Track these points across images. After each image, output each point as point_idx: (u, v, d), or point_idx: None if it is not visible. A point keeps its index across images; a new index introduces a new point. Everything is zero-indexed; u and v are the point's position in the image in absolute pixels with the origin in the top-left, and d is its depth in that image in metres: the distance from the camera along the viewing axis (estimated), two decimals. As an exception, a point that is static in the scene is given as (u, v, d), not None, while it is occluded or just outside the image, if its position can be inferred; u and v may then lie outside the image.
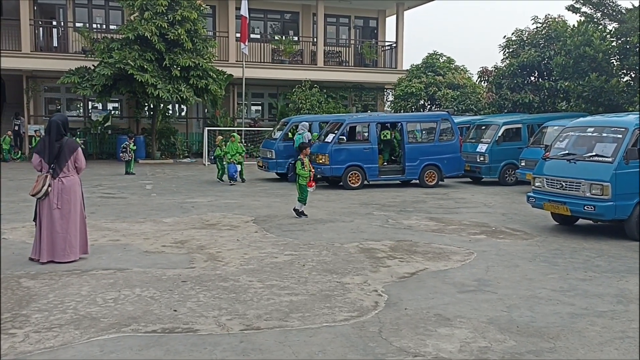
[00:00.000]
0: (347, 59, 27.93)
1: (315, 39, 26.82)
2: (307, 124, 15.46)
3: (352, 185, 13.89)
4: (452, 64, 25.83)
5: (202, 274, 6.19)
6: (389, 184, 14.82)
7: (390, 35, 28.94)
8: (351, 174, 13.93)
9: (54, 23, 25.14)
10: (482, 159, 15.22)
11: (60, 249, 6.41)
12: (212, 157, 16.10)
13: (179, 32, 19.57)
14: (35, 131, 21.52)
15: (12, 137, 21.94)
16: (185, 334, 4.48)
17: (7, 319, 4.72)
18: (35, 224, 6.56)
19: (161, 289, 5.61)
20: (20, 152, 22.31)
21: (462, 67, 25.95)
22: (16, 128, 23.02)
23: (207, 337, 4.43)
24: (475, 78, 24.11)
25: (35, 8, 23.91)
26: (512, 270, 6.55)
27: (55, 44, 24.69)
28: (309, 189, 9.85)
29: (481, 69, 22.53)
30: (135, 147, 17.64)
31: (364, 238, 8.24)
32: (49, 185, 6.35)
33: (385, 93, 28.91)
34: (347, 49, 28.17)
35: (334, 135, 14.13)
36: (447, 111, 16.51)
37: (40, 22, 24.39)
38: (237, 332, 4.53)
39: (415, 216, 10.25)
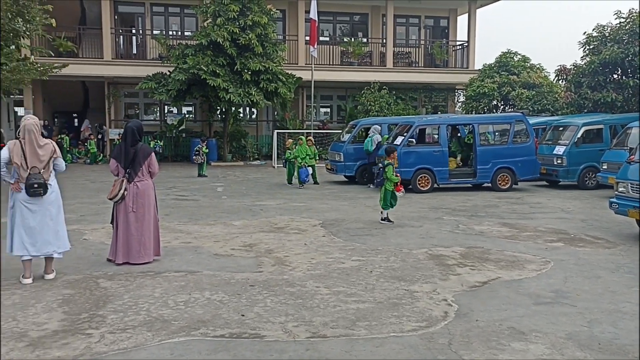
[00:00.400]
0: (417, 60, 27.56)
1: (384, 40, 26.62)
2: (378, 126, 15.34)
3: (422, 189, 13.64)
4: (527, 62, 24.89)
5: (270, 278, 6.23)
6: (460, 188, 14.45)
7: (461, 35, 28.32)
8: (420, 177, 13.69)
9: (133, 31, 26.24)
10: (559, 161, 14.56)
11: (135, 251, 6.64)
12: (283, 160, 16.18)
13: (249, 36, 19.95)
14: (118, 135, 22.53)
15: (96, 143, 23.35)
16: (252, 339, 4.50)
17: (85, 319, 4.91)
18: (113, 227, 6.82)
19: (230, 292, 5.68)
20: (102, 155, 23.47)
21: (538, 66, 24.95)
22: (100, 137, 24.44)
23: (274, 343, 4.43)
24: (552, 77, 23.13)
25: (116, 17, 25.07)
26: (592, 282, 6.19)
27: (134, 51, 25.80)
28: (398, 194, 9.63)
29: (559, 67, 21.51)
30: (207, 150, 18.11)
31: (433, 244, 8.04)
32: (125, 189, 6.57)
33: (456, 94, 28.30)
34: (417, 49, 27.79)
35: (403, 137, 13.93)
36: (522, 112, 15.90)
37: (120, 31, 25.54)
38: (303, 340, 4.50)
39: (487, 221, 9.92)
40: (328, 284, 6.00)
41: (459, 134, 15.30)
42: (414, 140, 13.93)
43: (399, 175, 9.74)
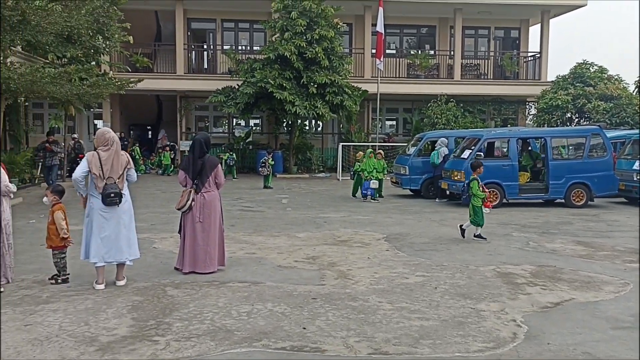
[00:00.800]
0: (486, 72, 26.97)
1: (452, 52, 26.24)
2: (445, 139, 15.07)
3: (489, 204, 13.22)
4: (605, 73, 23.79)
5: (332, 291, 6.18)
6: (531, 203, 13.94)
7: (533, 46, 27.48)
8: (489, 192, 13.25)
9: (205, 47, 27.12)
10: (639, 177, 13.78)
11: (201, 260, 6.77)
12: (351, 173, 15.95)
13: (316, 50, 20.15)
14: (187, 146, 23.26)
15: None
16: (312, 353, 4.46)
17: (152, 325, 5.04)
18: (180, 236, 6.99)
19: (292, 305, 5.68)
20: (173, 166, 24.22)
21: (616, 77, 23.81)
22: (172, 155, 25.22)
23: (334, 358, 4.38)
24: (632, 88, 22.01)
25: (189, 34, 26.01)
26: (677, 307, 5.76)
27: (205, 66, 26.66)
28: (485, 210, 9.36)
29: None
30: (273, 162, 18.34)
31: (501, 261, 7.76)
32: (193, 200, 6.72)
33: (527, 106, 27.44)
34: (486, 61, 27.21)
35: (470, 151, 13.60)
36: (599, 125, 15.19)
37: (192, 47, 26.45)
38: (364, 356, 4.43)
39: (560, 239, 9.49)
40: (391, 299, 5.90)
41: (529, 148, 14.78)
42: (482, 153, 13.56)
43: (486, 190, 9.43)
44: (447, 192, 14.36)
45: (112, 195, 6.03)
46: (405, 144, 18.93)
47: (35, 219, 11.01)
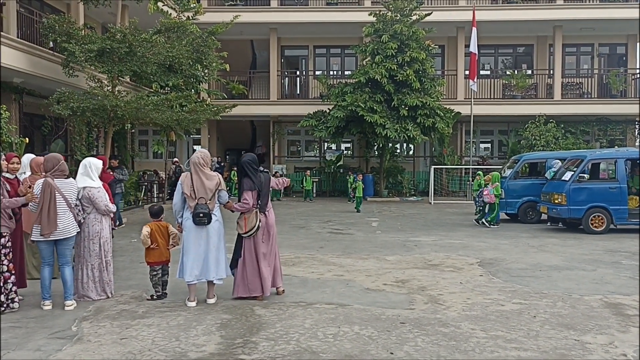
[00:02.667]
0: (589, 90, 25.51)
1: (551, 71, 25.14)
2: (558, 161, 14.26)
3: (595, 229, 12.35)
4: None
5: (422, 316, 5.94)
6: (642, 229, 12.85)
7: (643, 61, 25.72)
8: (594, 217, 12.42)
9: (297, 73, 27.79)
10: None
11: (270, 280, 6.61)
12: (476, 197, 14.78)
13: (407, 72, 20.00)
14: (280, 170, 23.73)
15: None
16: (400, 380, 4.27)
17: (239, 344, 5.06)
18: (241, 262, 6.55)
19: (379, 328, 5.51)
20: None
21: None
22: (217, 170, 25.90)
23: (423, 386, 4.16)
24: None
25: (282, 61, 26.78)
26: None
27: (298, 91, 27.28)
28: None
29: None
30: (363, 186, 18.23)
31: (609, 290, 7.15)
32: (260, 220, 6.49)
33: (637, 127, 25.59)
34: (589, 79, 25.79)
35: (572, 173, 12.81)
36: None
37: (286, 73, 27.19)
38: (455, 385, 4.17)
39: (678, 268, 8.62)
40: (485, 327, 5.57)
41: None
42: (585, 175, 12.74)
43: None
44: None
45: (201, 215, 6.17)
46: (501, 167, 18.20)
47: (137, 238, 11.58)
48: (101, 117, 13.00)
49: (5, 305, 5.99)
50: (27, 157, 7.52)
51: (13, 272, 6.18)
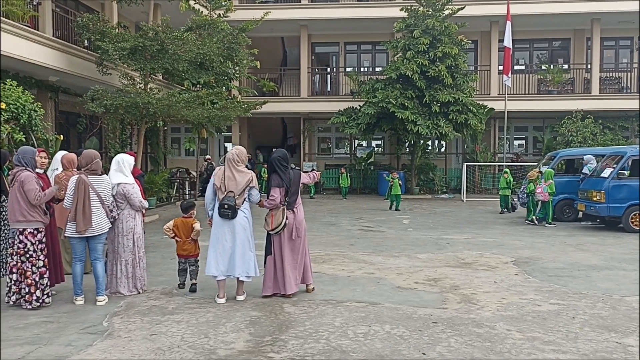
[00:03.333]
0: (629, 85, 24.73)
1: (589, 65, 24.45)
2: (592, 156, 13.89)
3: (635, 228, 11.93)
4: None
5: (455, 316, 5.79)
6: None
7: (685, 55, 24.79)
8: (634, 215, 12.00)
9: (328, 69, 27.69)
10: None
11: (296, 279, 6.54)
12: (524, 195, 14.26)
13: (439, 68, 19.70)
14: (311, 167, 23.64)
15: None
16: (433, 381, 4.15)
17: (268, 342, 5.00)
18: (270, 259, 6.55)
19: (411, 328, 5.38)
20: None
21: None
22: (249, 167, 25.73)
23: (457, 388, 4.03)
24: None
25: (313, 57, 26.69)
26: None
27: (328, 88, 27.17)
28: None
29: None
30: (400, 183, 17.62)
31: (652, 292, 6.87)
32: (287, 218, 6.44)
33: (678, 121, 24.71)
34: (629, 73, 24.97)
35: (611, 169, 12.40)
36: None
37: (316, 70, 27.11)
38: (490, 388, 4.03)
39: None
40: (521, 328, 5.39)
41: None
42: (625, 172, 12.31)
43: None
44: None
45: (226, 206, 6.12)
46: (535, 164, 17.79)
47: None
48: (134, 114, 13.14)
49: (41, 301, 6.07)
50: (59, 154, 7.61)
51: (47, 267, 6.26)
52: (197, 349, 4.79)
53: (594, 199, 12.35)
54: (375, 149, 26.67)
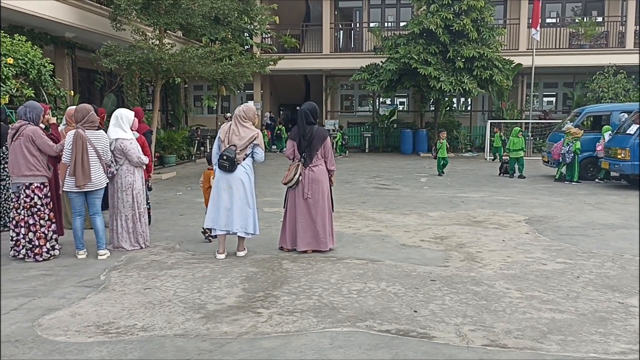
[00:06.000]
0: (666, 38, 23.57)
1: (624, 18, 23.31)
2: (625, 114, 13.33)
3: (661, 187, 11.52)
4: None
5: (455, 274, 5.66)
6: None
7: None
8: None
9: (352, 25, 27.05)
10: None
11: (310, 238, 6.43)
12: (571, 155, 13.16)
13: (464, 22, 19.03)
14: (334, 125, 23.38)
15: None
16: (419, 339, 4.05)
17: (260, 297, 4.96)
18: (285, 213, 6.60)
19: (407, 285, 5.28)
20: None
21: None
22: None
23: (442, 347, 3.93)
24: None
25: (335, 13, 26.07)
26: None
27: (352, 44, 26.60)
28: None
29: None
30: (448, 145, 15.88)
31: (667, 251, 6.61)
32: (300, 174, 6.37)
33: None
34: (667, 26, 23.76)
35: (638, 126, 11.89)
36: None
37: (340, 26, 26.50)
38: (477, 347, 3.91)
39: None
40: (521, 287, 5.24)
41: None
42: (652, 129, 11.81)
43: None
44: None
45: (225, 158, 6.03)
46: (560, 121, 17.23)
47: (182, 191, 11.72)
48: (147, 70, 13.05)
49: (51, 254, 6.17)
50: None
51: (54, 220, 6.32)
52: (187, 304, 4.78)
53: (619, 156, 11.90)
54: (399, 106, 26.20)
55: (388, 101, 26.22)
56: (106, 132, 6.38)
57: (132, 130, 7.08)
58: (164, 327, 4.25)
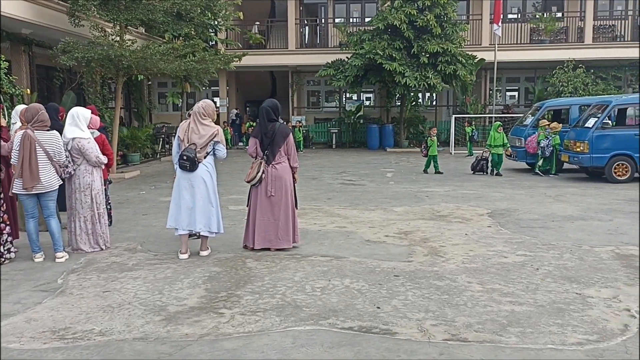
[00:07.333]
0: (623, 33, 24.21)
1: (583, 13, 23.85)
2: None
3: (618, 178, 11.81)
4: None
5: (418, 269, 5.70)
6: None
7: (681, 1, 24.16)
8: (617, 165, 11.86)
9: (317, 21, 27.00)
10: None
11: (273, 235, 6.38)
12: (550, 149, 13.21)
13: (428, 18, 19.16)
14: (297, 122, 23.33)
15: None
16: (381, 335, 4.06)
17: (222, 297, 4.90)
18: (248, 211, 6.57)
19: (371, 281, 5.29)
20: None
21: None
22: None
23: (404, 342, 3.94)
24: None
25: (301, 8, 25.98)
26: None
27: (317, 40, 26.55)
28: None
29: None
30: (438, 143, 14.76)
31: (623, 242, 6.78)
32: (263, 172, 6.32)
33: (672, 70, 24.30)
34: (624, 21, 24.41)
35: (596, 119, 12.18)
36: None
37: (305, 21, 26.42)
38: (439, 342, 3.94)
39: (701, 219, 8.15)
40: (482, 280, 5.30)
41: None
42: (610, 122, 12.11)
43: None
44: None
45: (185, 157, 5.94)
46: (522, 115, 17.53)
47: (146, 190, 11.52)
48: (107, 67, 12.77)
49: (3, 258, 5.97)
50: (19, 108, 7.35)
51: (8, 223, 6.13)
52: (147, 306, 4.69)
53: (578, 149, 12.17)
54: (365, 102, 26.29)
55: (354, 97, 26.29)
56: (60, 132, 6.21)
57: (91, 128, 6.93)
58: (123, 331, 4.16)
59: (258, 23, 25.48)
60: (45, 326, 4.27)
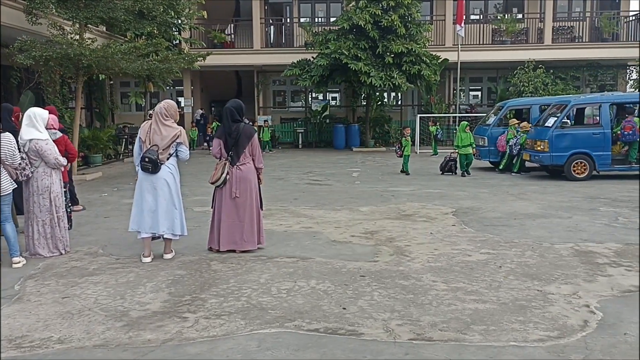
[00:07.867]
0: (581, 35, 24.85)
1: (542, 15, 24.39)
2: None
3: (577, 176, 12.12)
4: None
5: (384, 269, 5.72)
6: (625, 176, 12.63)
7: (635, 4, 24.96)
8: (576, 163, 12.15)
9: (282, 21, 26.91)
10: None
11: (238, 237, 6.32)
12: (518, 147, 13.35)
13: (392, 18, 19.31)
14: (264, 121, 23.20)
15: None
16: (347, 337, 4.05)
17: (186, 301, 4.82)
18: (212, 213, 6.50)
19: (337, 282, 5.28)
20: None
21: None
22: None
23: (370, 343, 3.94)
24: None
25: (266, 8, 25.85)
26: None
27: (283, 40, 26.47)
28: None
29: None
30: (411, 143, 14.37)
31: (582, 238, 6.95)
32: (228, 173, 6.25)
33: (628, 71, 25.08)
34: (581, 23, 25.06)
35: (555, 118, 12.46)
36: None
37: (270, 21, 26.30)
38: (404, 341, 3.96)
39: (656, 215, 8.42)
40: (447, 279, 5.35)
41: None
42: (568, 121, 12.40)
43: None
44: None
45: (147, 159, 5.82)
46: (485, 115, 17.83)
47: (108, 192, 11.29)
48: (67, 66, 12.46)
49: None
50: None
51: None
52: (108, 312, 4.58)
53: (538, 148, 12.43)
54: (331, 102, 26.34)
55: (320, 96, 26.31)
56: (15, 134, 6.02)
57: (53, 128, 6.74)
58: (83, 338, 4.05)
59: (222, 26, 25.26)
60: (0, 335, 4.13)
